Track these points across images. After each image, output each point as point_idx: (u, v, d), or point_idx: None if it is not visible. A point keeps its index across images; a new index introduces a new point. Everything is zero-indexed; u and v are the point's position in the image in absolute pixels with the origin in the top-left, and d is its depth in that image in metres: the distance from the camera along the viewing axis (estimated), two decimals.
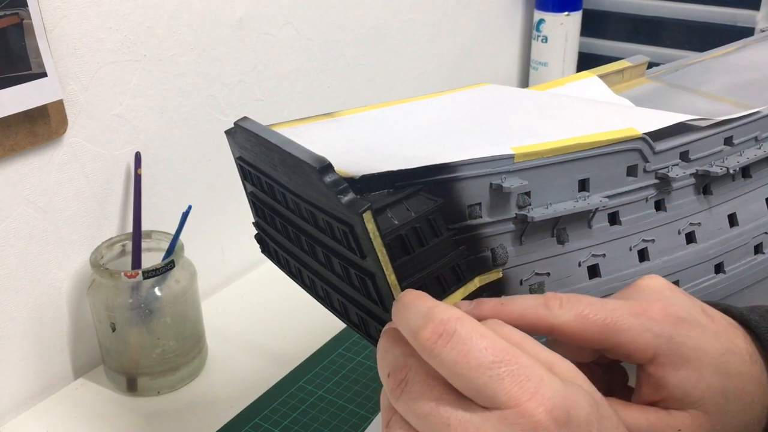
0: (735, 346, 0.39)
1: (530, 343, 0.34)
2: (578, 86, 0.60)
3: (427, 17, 1.07)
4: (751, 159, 0.50)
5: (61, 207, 0.68)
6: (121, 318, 0.67)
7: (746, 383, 0.38)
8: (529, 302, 0.37)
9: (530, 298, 0.38)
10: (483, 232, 0.41)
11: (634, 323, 0.37)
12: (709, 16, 1.14)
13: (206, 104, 0.79)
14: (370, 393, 0.68)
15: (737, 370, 0.38)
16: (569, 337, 0.37)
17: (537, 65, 1.24)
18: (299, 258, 0.46)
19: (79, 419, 0.67)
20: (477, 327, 0.32)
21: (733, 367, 0.38)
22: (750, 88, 0.63)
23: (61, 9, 0.63)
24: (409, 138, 0.45)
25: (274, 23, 0.83)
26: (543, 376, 0.31)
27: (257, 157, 0.43)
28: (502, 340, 0.32)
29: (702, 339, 0.38)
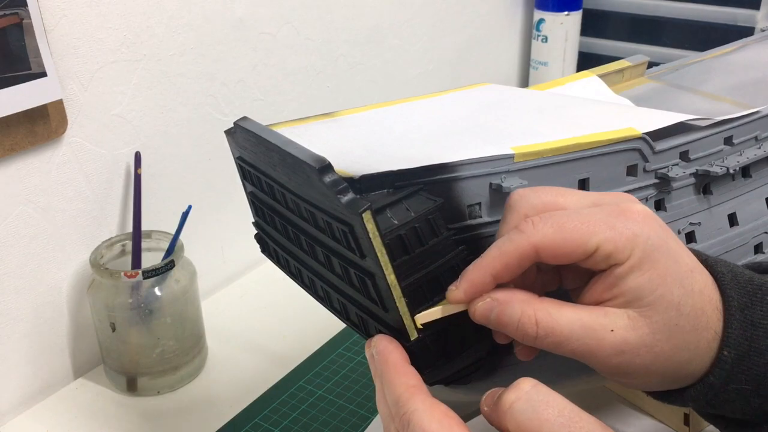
0: (703, 270, 0.38)
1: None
2: (578, 86, 0.60)
3: (427, 17, 1.07)
4: (751, 159, 0.50)
5: (61, 207, 0.68)
6: (121, 318, 0.67)
7: (705, 304, 0.37)
8: (503, 239, 0.37)
9: (502, 237, 0.37)
10: (483, 232, 0.41)
11: (614, 223, 0.36)
12: (709, 16, 1.14)
13: (206, 104, 0.79)
14: (370, 393, 0.68)
15: (700, 290, 0.37)
16: (551, 251, 0.36)
17: (537, 65, 1.24)
18: (299, 258, 0.46)
19: (79, 419, 0.67)
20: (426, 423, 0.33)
21: (697, 286, 0.37)
22: (750, 87, 0.63)
23: (61, 9, 0.63)
24: (408, 138, 0.45)
25: (274, 23, 0.83)
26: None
27: (257, 157, 0.43)
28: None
29: (677, 251, 0.37)
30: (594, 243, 0.35)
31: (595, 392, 0.64)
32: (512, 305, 0.36)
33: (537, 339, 0.36)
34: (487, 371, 0.43)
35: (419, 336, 0.39)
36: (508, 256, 0.36)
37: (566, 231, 0.36)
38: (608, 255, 0.36)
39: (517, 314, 0.36)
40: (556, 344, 0.36)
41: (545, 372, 0.46)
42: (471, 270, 0.37)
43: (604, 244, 0.35)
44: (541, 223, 0.36)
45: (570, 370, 0.47)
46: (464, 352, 0.41)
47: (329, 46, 0.91)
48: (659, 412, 0.61)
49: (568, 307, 0.37)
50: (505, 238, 0.37)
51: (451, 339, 0.40)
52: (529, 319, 0.36)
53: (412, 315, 0.38)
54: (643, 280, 0.36)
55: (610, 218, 0.36)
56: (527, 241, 0.36)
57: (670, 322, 0.36)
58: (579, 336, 0.36)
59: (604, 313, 0.36)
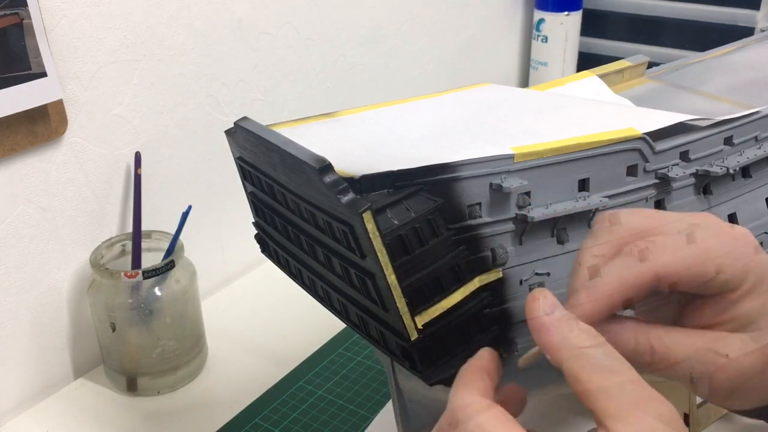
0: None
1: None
2: (578, 86, 0.60)
3: (427, 17, 1.07)
4: (751, 159, 0.50)
5: (61, 207, 0.68)
6: (121, 318, 0.67)
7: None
8: (620, 266, 0.35)
9: (617, 263, 0.35)
10: (483, 232, 0.41)
11: (729, 250, 0.36)
12: (709, 16, 1.14)
13: (206, 104, 0.79)
14: (370, 393, 0.68)
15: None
16: (672, 279, 0.35)
17: (537, 65, 1.24)
18: (299, 258, 0.46)
19: (79, 419, 0.67)
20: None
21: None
22: (750, 88, 0.63)
23: (61, 9, 0.63)
24: (409, 138, 0.45)
25: (274, 23, 0.83)
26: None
27: (257, 157, 0.43)
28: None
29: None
30: (714, 270, 0.35)
31: None
32: (625, 335, 0.36)
33: (651, 365, 0.36)
34: None
35: (419, 336, 0.39)
36: (630, 286, 0.35)
37: (687, 258, 0.35)
38: (727, 281, 0.35)
39: (632, 343, 0.36)
40: (670, 369, 0.36)
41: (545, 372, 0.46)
42: (585, 300, 0.35)
43: (724, 271, 0.35)
44: (658, 251, 0.35)
45: None
46: (464, 352, 0.41)
47: (329, 46, 0.91)
48: None
49: (678, 331, 0.36)
50: (623, 266, 0.35)
51: (452, 339, 0.40)
52: (644, 347, 0.36)
53: (413, 315, 0.38)
54: (757, 305, 0.36)
55: (724, 244, 0.36)
56: (651, 271, 0.35)
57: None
58: (694, 363, 0.36)
59: (716, 338, 0.36)
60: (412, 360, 0.40)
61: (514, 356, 0.44)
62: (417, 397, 0.48)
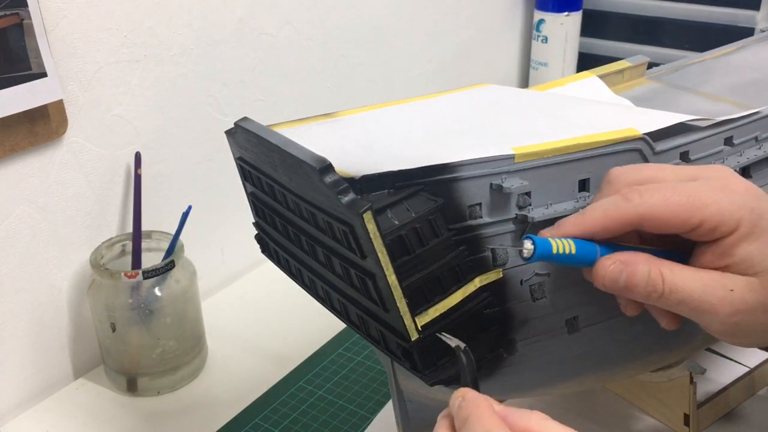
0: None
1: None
2: (578, 86, 0.60)
3: (427, 17, 1.07)
4: (751, 159, 0.50)
5: (61, 207, 0.68)
6: (121, 318, 0.67)
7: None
8: (608, 201, 0.38)
9: (607, 200, 0.38)
10: (483, 233, 0.41)
11: (720, 197, 0.37)
12: (709, 16, 1.14)
13: (206, 104, 0.79)
14: (370, 393, 0.68)
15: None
16: (656, 221, 0.37)
17: (537, 65, 1.24)
18: (299, 258, 0.46)
19: (79, 419, 0.67)
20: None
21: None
22: (750, 88, 0.63)
23: (61, 9, 0.63)
24: (409, 138, 0.45)
25: (274, 23, 0.83)
26: None
27: (257, 157, 0.43)
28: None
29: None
30: (699, 217, 0.37)
31: (595, 392, 0.64)
32: (640, 265, 0.38)
33: (663, 296, 0.38)
34: (488, 371, 0.43)
35: (420, 336, 0.39)
36: (611, 220, 0.38)
37: (672, 204, 0.37)
38: (714, 228, 0.37)
39: (646, 273, 0.38)
40: (680, 301, 0.38)
41: (545, 372, 0.46)
42: (569, 224, 0.39)
43: (710, 218, 0.37)
44: (647, 194, 0.37)
45: (570, 371, 0.47)
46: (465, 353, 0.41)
47: (329, 46, 0.91)
48: (659, 412, 0.61)
49: (687, 268, 0.38)
50: (610, 202, 0.38)
51: None
52: (657, 276, 0.38)
53: (413, 315, 0.38)
54: (753, 250, 0.37)
55: (715, 192, 0.37)
56: (633, 210, 0.37)
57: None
58: (701, 293, 0.38)
59: (721, 275, 0.38)
60: (412, 360, 0.40)
61: (515, 356, 0.44)
62: (417, 397, 0.48)
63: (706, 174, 0.40)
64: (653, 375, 0.57)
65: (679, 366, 0.55)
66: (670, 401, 0.59)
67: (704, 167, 0.41)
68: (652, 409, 0.62)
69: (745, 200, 0.38)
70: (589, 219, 0.38)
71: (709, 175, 0.39)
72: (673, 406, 0.59)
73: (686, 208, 0.37)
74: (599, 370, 0.49)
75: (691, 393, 0.57)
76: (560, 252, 0.38)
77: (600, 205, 0.38)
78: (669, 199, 0.37)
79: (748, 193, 0.38)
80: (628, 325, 0.46)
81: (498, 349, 0.43)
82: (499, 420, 0.34)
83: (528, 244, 0.38)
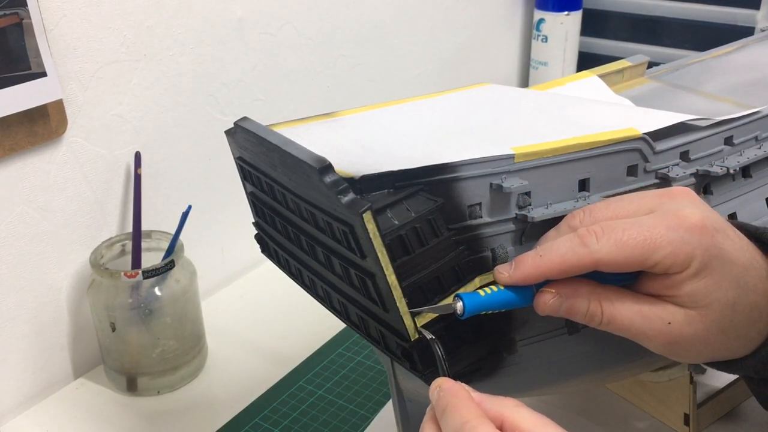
0: (756, 261, 0.40)
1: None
2: (578, 86, 0.60)
3: (427, 17, 1.07)
4: (751, 159, 0.50)
5: (61, 207, 0.68)
6: (121, 318, 0.67)
7: (759, 298, 0.40)
8: (566, 245, 0.39)
9: (564, 240, 0.39)
10: (483, 232, 0.41)
11: (674, 237, 0.38)
12: (709, 16, 1.14)
13: (206, 104, 0.79)
14: (370, 393, 0.68)
15: (754, 286, 0.40)
16: (612, 266, 0.38)
17: (537, 65, 1.24)
18: (299, 258, 0.46)
19: (79, 419, 0.67)
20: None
21: (751, 282, 0.40)
22: (750, 88, 0.63)
23: (61, 9, 0.63)
24: (409, 138, 0.45)
25: (274, 23, 0.83)
26: None
27: (257, 157, 0.43)
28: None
29: (732, 252, 0.39)
30: (653, 260, 0.38)
31: (595, 392, 0.64)
32: (580, 299, 0.40)
33: (601, 325, 0.40)
34: (487, 371, 0.43)
35: (419, 336, 0.39)
36: (568, 266, 0.38)
37: (627, 248, 0.38)
38: (667, 267, 0.38)
39: (585, 307, 0.40)
40: (618, 330, 0.40)
41: (545, 372, 0.46)
42: (528, 265, 0.39)
43: (664, 260, 0.38)
44: (604, 238, 0.38)
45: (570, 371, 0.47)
46: (464, 352, 0.41)
47: (329, 46, 0.91)
48: (659, 412, 0.61)
49: (629, 297, 0.40)
50: (567, 246, 0.38)
51: (451, 339, 0.40)
52: (596, 309, 0.40)
53: (413, 315, 0.38)
54: (700, 287, 0.38)
55: (670, 232, 0.38)
56: (590, 256, 0.38)
57: (724, 320, 0.39)
58: (639, 325, 0.39)
59: (662, 308, 0.39)
60: (412, 360, 0.40)
61: (514, 356, 0.44)
62: (417, 397, 0.48)
63: (664, 206, 0.40)
64: (653, 375, 0.57)
65: (679, 366, 0.55)
66: (670, 401, 0.59)
67: (664, 193, 0.41)
68: (652, 409, 0.62)
69: (700, 240, 0.38)
70: (546, 262, 0.39)
71: (667, 209, 0.39)
72: (673, 406, 0.59)
73: (641, 251, 0.38)
74: (599, 370, 0.49)
75: (691, 393, 0.57)
76: (491, 299, 0.39)
77: (558, 248, 0.39)
78: (624, 243, 0.38)
79: (704, 233, 0.38)
80: None
81: (498, 349, 0.43)
82: (476, 409, 0.35)
83: (459, 304, 0.38)
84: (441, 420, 0.36)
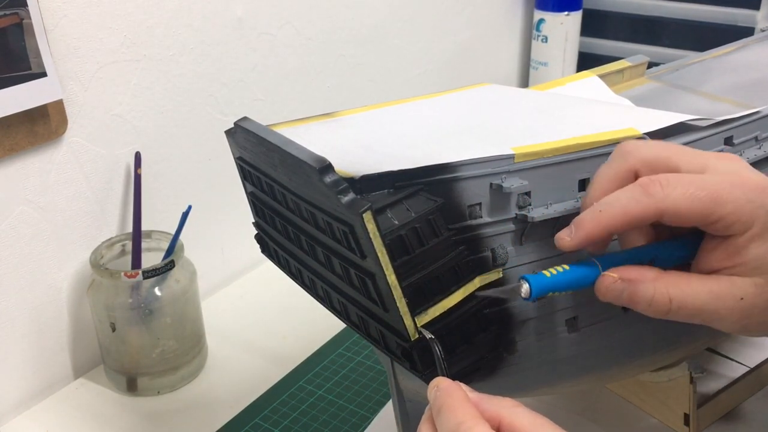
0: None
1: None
2: (578, 86, 0.60)
3: (427, 17, 1.07)
4: (751, 159, 0.50)
5: (61, 207, 0.68)
6: (121, 318, 0.67)
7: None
8: (627, 196, 0.37)
9: (625, 191, 0.38)
10: (483, 232, 0.41)
11: (738, 195, 0.37)
12: (709, 16, 1.14)
13: (206, 104, 0.79)
14: (370, 393, 0.68)
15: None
16: (676, 217, 0.37)
17: (537, 65, 1.24)
18: (299, 258, 0.46)
19: (79, 419, 0.67)
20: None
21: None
22: (750, 88, 0.63)
23: (61, 9, 0.63)
24: (409, 138, 0.45)
25: (274, 23, 0.83)
26: None
27: (257, 157, 0.43)
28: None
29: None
30: (718, 214, 0.37)
31: (595, 392, 0.64)
32: (645, 284, 0.38)
33: (670, 312, 0.38)
34: (487, 371, 0.43)
35: (419, 336, 0.39)
36: (632, 217, 0.37)
37: (693, 200, 0.37)
38: (730, 225, 0.37)
39: (650, 293, 0.38)
40: (689, 316, 0.38)
41: (545, 372, 0.46)
42: (588, 222, 0.38)
43: (728, 216, 0.37)
44: (669, 188, 0.37)
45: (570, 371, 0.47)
46: (465, 352, 0.41)
47: (329, 46, 0.91)
48: (659, 412, 0.61)
49: (695, 278, 0.38)
50: (629, 196, 0.37)
51: (452, 339, 0.40)
52: (663, 296, 0.38)
53: (413, 315, 0.38)
54: (765, 249, 0.37)
55: (734, 188, 0.37)
56: (655, 206, 0.37)
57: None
58: (711, 306, 0.38)
59: (731, 283, 0.38)
60: (412, 360, 0.40)
61: (515, 356, 0.44)
62: (417, 397, 0.48)
63: (718, 165, 0.39)
64: (653, 375, 0.57)
65: (679, 366, 0.55)
66: (670, 401, 0.59)
67: (715, 155, 0.40)
68: (652, 409, 0.62)
69: (763, 199, 0.37)
70: (607, 216, 0.38)
71: (722, 168, 0.39)
72: (673, 406, 0.59)
73: (706, 204, 0.37)
74: (599, 370, 0.49)
75: (691, 393, 0.57)
76: (557, 279, 0.38)
77: (618, 199, 0.38)
78: (690, 194, 0.37)
79: (765, 191, 0.38)
80: (628, 325, 0.46)
81: (498, 349, 0.43)
82: (472, 409, 0.35)
83: (525, 286, 0.37)
84: (437, 420, 0.36)
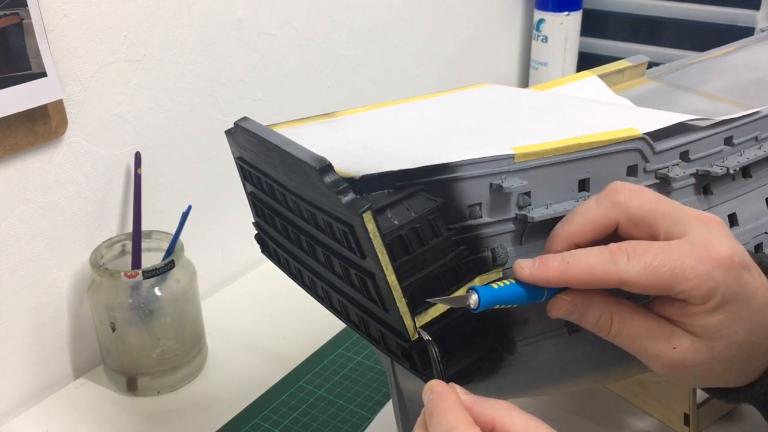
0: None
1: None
2: (578, 86, 0.60)
3: (427, 17, 1.07)
4: (751, 159, 0.50)
5: (61, 207, 0.68)
6: (121, 318, 0.67)
7: (764, 336, 0.40)
8: (596, 258, 0.38)
9: (595, 253, 0.39)
10: (483, 233, 0.41)
11: (701, 271, 0.38)
12: (709, 16, 1.14)
13: (206, 104, 0.79)
14: (370, 393, 0.68)
15: (764, 325, 0.40)
16: (636, 288, 0.38)
17: (537, 65, 1.24)
18: (299, 258, 0.46)
19: (79, 419, 0.67)
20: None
21: (762, 322, 0.40)
22: (750, 88, 0.63)
23: (61, 9, 0.63)
24: (409, 138, 0.45)
25: (274, 23, 0.83)
26: None
27: (257, 157, 0.43)
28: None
29: (752, 291, 0.39)
30: (677, 289, 0.38)
31: (595, 392, 0.64)
32: (593, 308, 0.40)
33: (609, 336, 0.41)
34: (487, 371, 0.43)
35: (419, 336, 0.39)
36: (594, 279, 0.38)
37: (655, 274, 0.38)
38: (689, 297, 0.38)
39: (597, 316, 0.40)
40: (622, 345, 0.41)
41: (545, 372, 0.46)
42: (552, 269, 0.39)
43: (687, 291, 0.38)
44: (635, 260, 0.38)
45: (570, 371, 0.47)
46: (464, 352, 0.41)
47: (329, 46, 0.91)
48: (659, 412, 0.61)
49: (640, 314, 0.40)
50: (597, 260, 0.38)
51: (452, 339, 0.40)
52: (606, 321, 0.40)
53: (413, 315, 0.38)
54: (715, 321, 0.39)
55: (699, 264, 0.38)
56: (618, 276, 0.38)
57: (728, 354, 0.40)
58: (644, 344, 0.40)
59: (671, 331, 0.40)
60: (412, 360, 0.40)
61: (515, 356, 0.44)
62: (417, 397, 0.48)
63: (695, 232, 0.39)
64: (653, 375, 0.57)
65: None
66: (670, 401, 0.59)
67: (697, 217, 0.40)
68: (652, 409, 0.62)
69: (726, 276, 0.38)
70: (572, 270, 0.39)
71: (697, 236, 0.39)
72: (673, 406, 0.59)
73: (668, 279, 0.38)
74: (599, 370, 0.49)
75: (691, 393, 0.57)
76: (505, 292, 0.39)
77: (587, 259, 0.39)
78: (653, 269, 0.38)
79: (731, 266, 0.38)
80: None
81: (498, 349, 0.43)
82: (463, 413, 0.35)
83: (473, 296, 0.38)
84: (429, 424, 0.36)
